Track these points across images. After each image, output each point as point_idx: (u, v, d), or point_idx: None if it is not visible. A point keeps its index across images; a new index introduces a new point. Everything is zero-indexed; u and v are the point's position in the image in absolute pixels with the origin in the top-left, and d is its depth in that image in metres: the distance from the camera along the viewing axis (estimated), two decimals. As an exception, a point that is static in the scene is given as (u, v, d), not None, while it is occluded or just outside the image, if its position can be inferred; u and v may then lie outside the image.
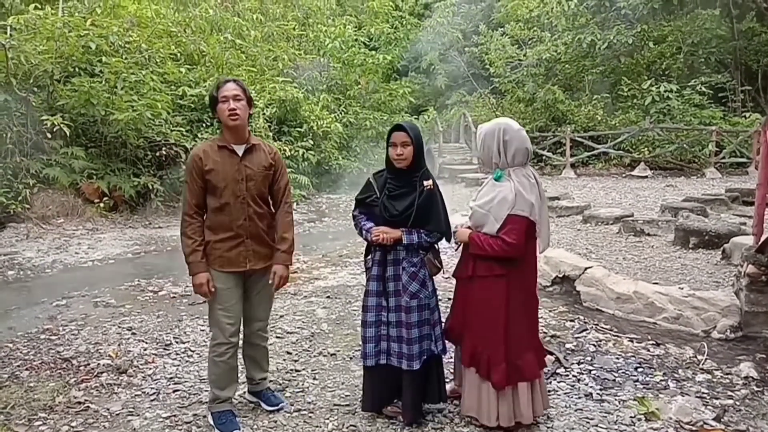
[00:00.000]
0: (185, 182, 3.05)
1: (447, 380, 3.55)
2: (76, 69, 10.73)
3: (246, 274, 3.13)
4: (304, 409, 3.36)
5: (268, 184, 3.15)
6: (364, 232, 3.12)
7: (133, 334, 4.71)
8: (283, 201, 3.21)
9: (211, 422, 3.14)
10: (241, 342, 3.25)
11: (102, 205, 9.95)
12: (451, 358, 3.54)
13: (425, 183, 3.07)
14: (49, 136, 9.76)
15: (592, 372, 3.88)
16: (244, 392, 3.45)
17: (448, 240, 3.19)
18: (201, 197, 3.03)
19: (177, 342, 4.52)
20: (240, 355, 3.29)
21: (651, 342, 4.40)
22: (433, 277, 3.21)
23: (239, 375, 3.35)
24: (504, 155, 3.00)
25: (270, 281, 3.15)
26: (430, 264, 3.15)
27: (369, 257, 3.19)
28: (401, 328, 3.06)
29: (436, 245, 3.20)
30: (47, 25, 10.06)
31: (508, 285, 2.99)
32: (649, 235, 7.61)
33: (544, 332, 4.63)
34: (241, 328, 3.23)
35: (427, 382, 3.16)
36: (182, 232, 3.03)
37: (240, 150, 3.06)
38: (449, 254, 7.02)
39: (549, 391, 3.58)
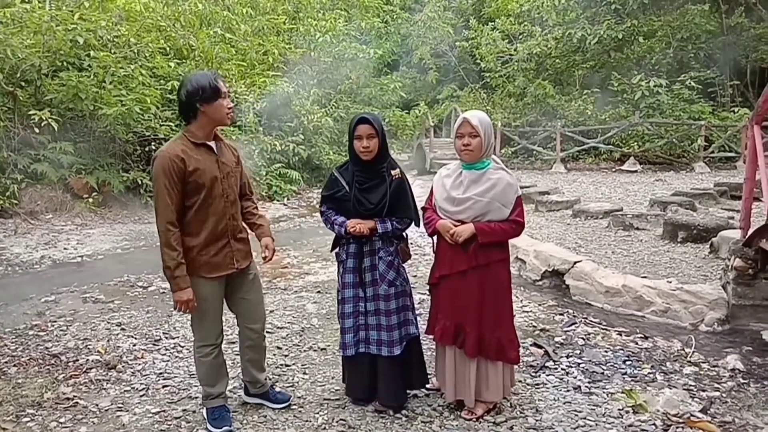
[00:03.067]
0: (163, 187, 2.72)
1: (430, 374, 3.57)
2: (64, 63, 10.62)
3: (231, 276, 3.02)
4: (294, 404, 3.36)
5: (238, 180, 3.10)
6: (336, 226, 3.15)
7: (123, 329, 4.69)
8: (249, 193, 3.23)
9: (205, 416, 3.15)
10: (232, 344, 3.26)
11: (91, 200, 9.88)
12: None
13: (393, 172, 3.12)
14: (36, 131, 9.67)
15: (581, 365, 3.90)
16: (237, 392, 3.44)
17: (417, 225, 3.25)
18: (180, 202, 2.80)
19: (166, 337, 4.50)
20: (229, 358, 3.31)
21: (639, 335, 4.43)
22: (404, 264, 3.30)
23: (229, 371, 3.34)
24: (494, 144, 3.14)
25: (263, 255, 3.18)
26: (402, 252, 3.25)
27: (341, 250, 3.23)
28: (380, 316, 3.13)
29: (405, 234, 3.28)
30: (34, 19, 9.94)
31: (507, 268, 3.18)
32: (638, 229, 7.65)
33: (534, 326, 4.66)
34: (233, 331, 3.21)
35: (409, 366, 3.23)
36: (165, 243, 2.75)
37: (213, 146, 2.94)
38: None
39: (537, 384, 3.63)
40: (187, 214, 2.85)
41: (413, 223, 3.22)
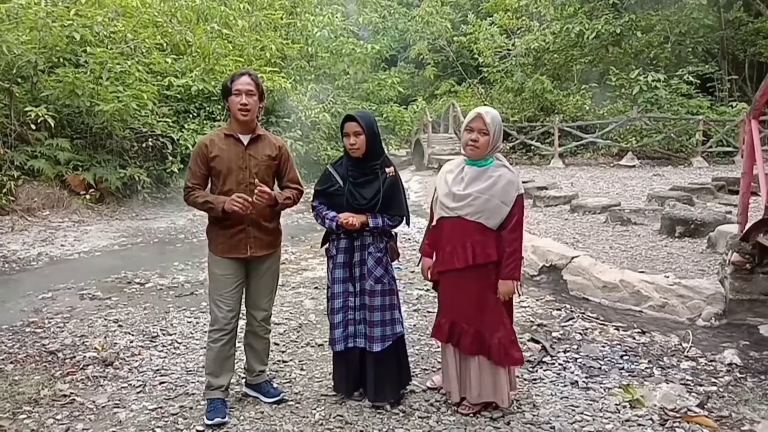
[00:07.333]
0: (191, 166, 3.11)
1: (434, 370, 3.57)
2: (61, 59, 10.59)
3: (247, 260, 3.15)
4: (291, 400, 3.36)
5: (272, 174, 3.21)
6: (327, 221, 3.18)
7: (120, 326, 4.68)
8: (290, 185, 3.28)
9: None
10: (242, 331, 3.32)
11: (88, 196, 9.86)
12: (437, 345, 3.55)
13: (387, 170, 3.17)
14: (33, 127, 9.66)
15: (578, 360, 3.90)
16: (234, 387, 3.43)
17: (408, 224, 3.33)
18: (203, 181, 3.12)
19: (163, 334, 4.50)
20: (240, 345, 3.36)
21: (637, 330, 4.43)
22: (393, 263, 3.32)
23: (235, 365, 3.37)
24: (500, 143, 3.10)
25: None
26: (392, 250, 3.28)
27: (331, 245, 3.27)
28: (365, 311, 3.17)
29: (394, 233, 3.33)
30: (30, 15, 9.89)
31: None
32: (635, 224, 7.65)
33: (531, 321, 4.66)
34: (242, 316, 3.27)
35: (396, 364, 3.27)
36: (187, 199, 3.10)
37: (245, 139, 3.12)
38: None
39: (535, 379, 3.63)
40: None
41: (405, 221, 3.28)
